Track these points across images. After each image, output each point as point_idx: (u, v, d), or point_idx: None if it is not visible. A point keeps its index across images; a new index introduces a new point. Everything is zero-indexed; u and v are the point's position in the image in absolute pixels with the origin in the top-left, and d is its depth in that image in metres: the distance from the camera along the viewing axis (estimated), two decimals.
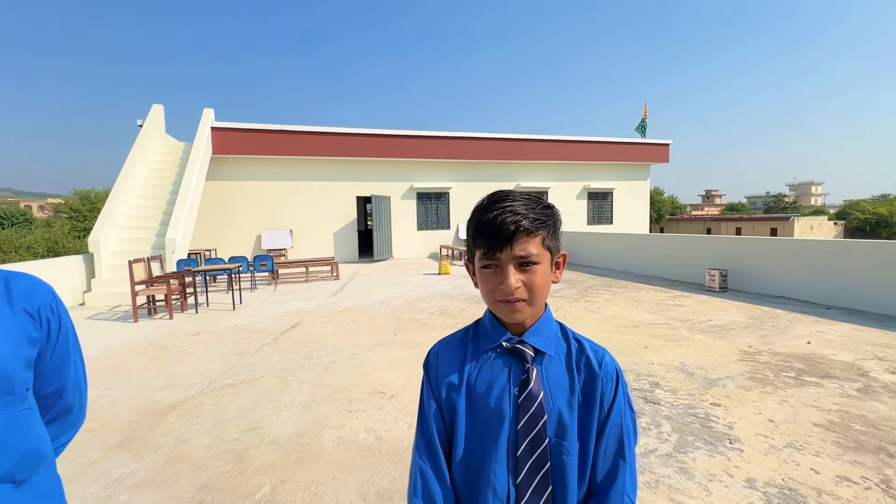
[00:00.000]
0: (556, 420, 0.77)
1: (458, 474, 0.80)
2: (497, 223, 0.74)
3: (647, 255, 9.95)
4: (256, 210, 13.74)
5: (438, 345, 0.89)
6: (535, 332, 0.81)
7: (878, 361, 3.88)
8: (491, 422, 0.78)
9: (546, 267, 0.78)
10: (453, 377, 0.82)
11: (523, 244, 0.74)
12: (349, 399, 3.41)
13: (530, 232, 0.75)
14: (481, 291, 0.81)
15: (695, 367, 3.86)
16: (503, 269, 0.75)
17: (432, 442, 0.81)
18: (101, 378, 4.03)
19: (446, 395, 0.82)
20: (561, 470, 0.76)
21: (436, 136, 15.16)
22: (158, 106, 12.38)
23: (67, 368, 0.93)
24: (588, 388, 0.80)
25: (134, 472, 2.49)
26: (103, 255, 8.35)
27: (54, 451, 0.91)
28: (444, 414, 0.82)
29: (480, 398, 0.80)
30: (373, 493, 2.23)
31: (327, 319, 6.10)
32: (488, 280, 0.77)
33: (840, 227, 38.13)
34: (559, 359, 0.82)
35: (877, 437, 2.62)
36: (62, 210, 30.27)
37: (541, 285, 0.76)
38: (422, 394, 0.86)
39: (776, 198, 65.56)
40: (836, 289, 6.16)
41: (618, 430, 0.79)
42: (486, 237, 0.75)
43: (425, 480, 0.79)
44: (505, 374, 0.80)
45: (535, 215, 0.76)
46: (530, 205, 0.77)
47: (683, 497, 2.13)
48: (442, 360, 0.85)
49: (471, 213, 0.82)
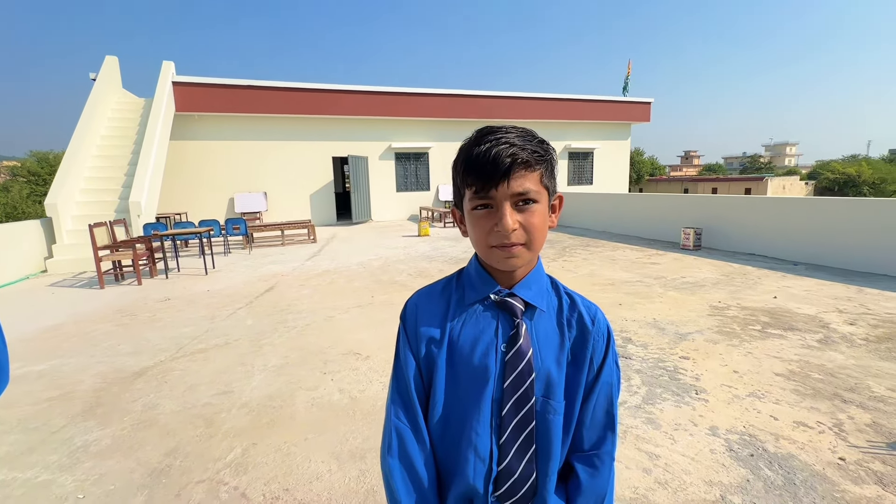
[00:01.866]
0: (544, 378, 0.72)
1: (436, 434, 0.75)
2: (491, 156, 0.65)
3: (625, 214, 10.03)
4: (228, 172, 13.16)
5: (417, 294, 0.81)
6: (526, 284, 0.74)
7: (838, 314, 4.04)
8: (475, 379, 0.72)
9: (544, 207, 0.70)
10: (434, 331, 0.75)
11: (521, 179, 0.66)
12: (324, 361, 3.37)
13: (529, 165, 0.67)
14: (472, 237, 0.72)
15: (666, 323, 3.95)
16: (498, 208, 0.67)
17: (409, 398, 0.75)
18: (64, 346, 3.89)
19: (425, 350, 0.75)
20: (546, 429, 0.72)
21: (414, 94, 14.57)
22: (112, 58, 11.43)
23: None
24: (578, 346, 0.75)
25: (99, 439, 2.42)
26: (63, 220, 7.91)
27: None
28: (422, 369, 0.76)
29: (464, 354, 0.73)
30: (346, 452, 2.23)
31: (303, 283, 6.00)
32: (481, 222, 0.69)
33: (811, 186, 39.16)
34: (550, 314, 0.76)
35: (833, 384, 2.74)
36: (19, 173, 28.52)
37: (539, 227, 0.69)
38: (398, 347, 0.79)
39: (752, 158, 66.55)
40: (803, 245, 6.34)
41: (608, 390, 0.76)
42: (478, 172, 0.66)
43: (402, 439, 0.73)
44: (492, 329, 0.73)
45: (533, 147, 0.68)
46: (526, 136, 0.69)
47: (650, 446, 2.19)
48: (422, 312, 0.78)
49: (458, 152, 0.72)
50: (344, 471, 2.09)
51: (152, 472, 2.11)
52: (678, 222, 8.24)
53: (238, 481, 2.04)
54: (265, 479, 2.04)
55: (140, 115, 11.06)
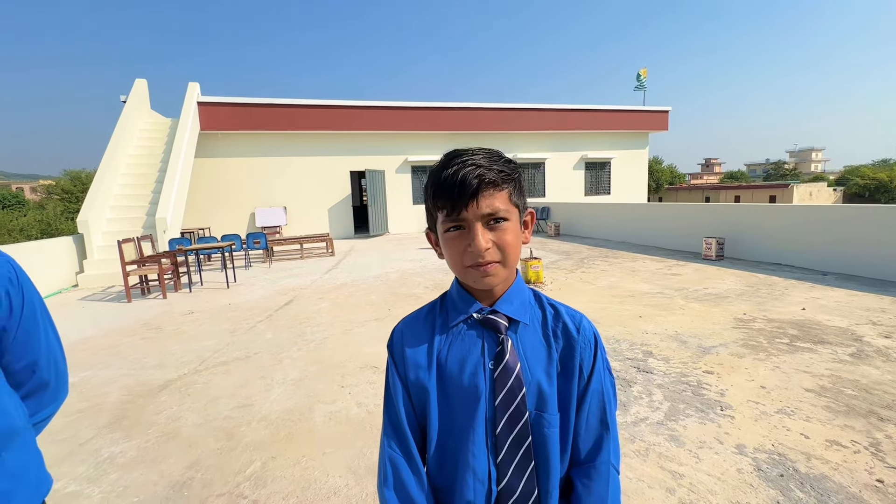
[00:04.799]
0: (535, 392, 0.72)
1: (434, 460, 0.75)
2: (459, 178, 0.67)
3: (644, 224, 9.87)
4: (249, 187, 13.53)
5: (403, 322, 0.82)
6: (507, 300, 0.75)
7: (871, 326, 3.87)
8: (466, 400, 0.72)
9: (515, 224, 0.72)
10: (421, 356, 0.76)
11: (489, 199, 0.68)
12: (341, 374, 3.39)
13: (496, 184, 0.68)
14: (447, 259, 0.74)
15: (688, 336, 3.85)
16: (470, 228, 0.68)
17: (402, 427, 0.75)
18: (93, 359, 4.02)
19: (414, 376, 0.75)
20: (543, 443, 0.72)
21: (430, 108, 14.78)
22: (142, 80, 11.98)
23: (38, 342, 0.89)
24: (566, 356, 0.75)
25: (124, 451, 2.48)
26: (93, 236, 8.24)
27: (32, 428, 0.88)
28: (412, 396, 0.76)
29: (453, 376, 0.74)
30: (363, 467, 2.23)
31: (322, 296, 6.07)
32: (454, 244, 0.70)
33: (839, 193, 37.90)
34: (534, 327, 0.76)
35: (868, 401, 2.62)
36: (54, 192, 29.90)
37: (512, 244, 0.70)
38: (387, 376, 0.80)
39: (776, 165, 64.92)
40: (832, 255, 6.11)
41: (599, 398, 0.75)
42: (447, 195, 0.68)
43: (396, 469, 0.73)
44: (478, 348, 0.74)
45: (500, 167, 0.70)
46: (493, 157, 0.71)
47: (673, 464, 2.13)
48: (408, 339, 0.78)
49: (427, 176, 0.74)
50: (361, 486, 2.09)
51: (174, 485, 2.15)
52: (699, 232, 8.06)
53: (257, 495, 2.06)
54: (283, 494, 2.05)
55: (167, 134, 11.51)
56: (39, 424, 0.91)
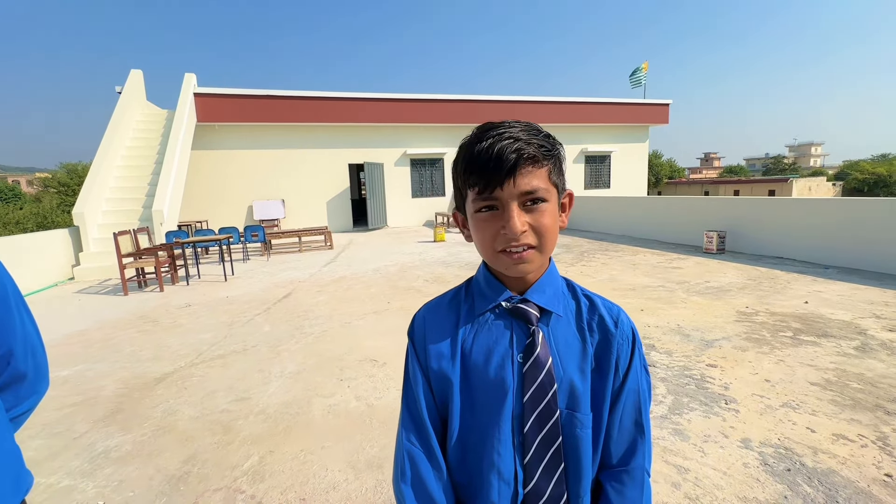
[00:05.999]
0: (567, 389, 0.67)
1: (454, 456, 0.70)
2: (495, 152, 0.60)
3: (644, 218, 9.82)
4: (247, 180, 13.41)
5: (425, 308, 0.76)
6: (540, 288, 0.69)
7: (875, 319, 3.84)
8: (491, 395, 0.67)
9: (554, 206, 0.65)
10: (444, 345, 0.70)
11: (528, 176, 0.61)
12: (340, 367, 3.35)
13: (536, 161, 0.62)
14: (477, 243, 0.67)
15: (691, 329, 3.81)
16: (505, 209, 0.62)
17: (421, 419, 0.70)
18: (89, 352, 3.97)
19: (437, 366, 0.70)
20: (574, 445, 0.66)
21: (428, 100, 14.65)
22: (137, 71, 11.82)
23: (13, 331, 0.83)
24: (602, 352, 0.69)
25: (119, 445, 2.44)
26: (89, 228, 8.15)
27: (10, 422, 0.83)
28: (433, 387, 0.71)
29: (478, 368, 0.68)
30: (362, 461, 2.19)
31: (320, 289, 6.02)
32: (486, 226, 0.64)
33: (838, 187, 37.86)
34: (568, 319, 0.70)
35: (874, 394, 2.59)
36: (50, 185, 29.66)
37: (550, 228, 0.64)
38: (407, 364, 0.74)
39: (775, 159, 64.77)
40: (834, 248, 6.08)
41: (635, 398, 0.70)
42: (481, 171, 0.61)
43: (414, 464, 0.68)
44: (506, 339, 0.68)
45: (540, 141, 0.63)
46: (532, 130, 0.64)
47: (678, 458, 2.09)
48: (430, 326, 0.73)
49: (458, 150, 0.67)
50: (361, 480, 2.05)
51: (170, 479, 2.11)
52: (700, 225, 8.02)
53: (255, 489, 2.02)
54: (282, 488, 2.02)
55: (163, 126, 11.37)
56: (18, 419, 0.86)
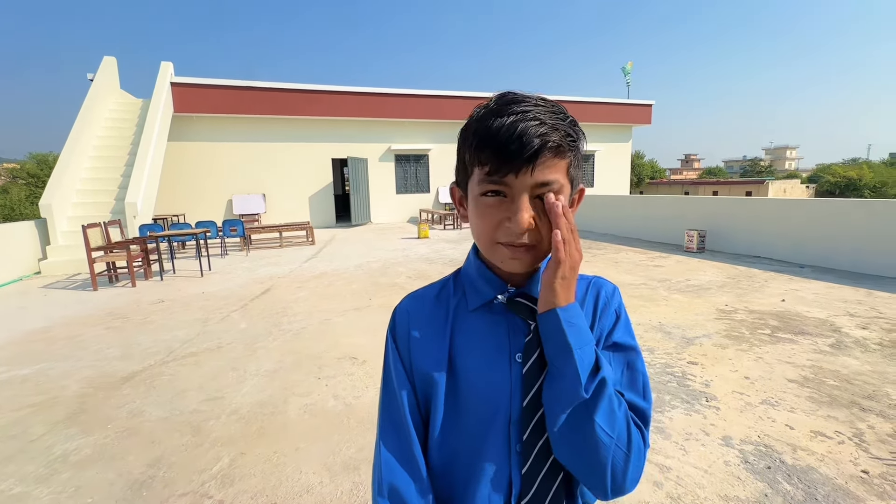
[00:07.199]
0: None
1: (439, 466, 0.62)
2: (517, 132, 0.51)
3: (627, 217, 9.92)
4: (226, 173, 13.06)
5: (408, 299, 0.68)
6: (538, 280, 0.61)
7: (849, 318, 3.92)
8: (486, 399, 0.60)
9: (565, 202, 0.57)
10: (430, 343, 0.63)
11: (548, 168, 0.53)
12: (319, 366, 3.25)
13: (560, 151, 0.54)
14: (475, 228, 0.59)
15: (672, 327, 3.83)
16: (514, 199, 0.54)
17: (401, 425, 0.62)
18: (52, 349, 3.77)
19: (421, 366, 0.62)
20: None
21: (414, 95, 14.49)
22: (111, 58, 11.36)
23: None
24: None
25: (79, 447, 2.30)
26: (57, 221, 7.81)
27: None
28: (416, 389, 0.63)
29: (469, 369, 0.61)
30: (338, 463, 2.11)
31: (300, 285, 5.88)
32: (489, 212, 0.56)
33: (811, 190, 39.04)
34: None
35: (849, 391, 2.62)
36: (19, 175, 28.45)
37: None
38: (387, 363, 0.66)
39: (752, 162, 66.45)
40: (809, 248, 6.22)
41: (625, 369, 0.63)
42: (496, 150, 0.53)
43: (392, 474, 0.60)
44: (502, 338, 0.61)
45: (567, 129, 0.54)
46: (558, 114, 0.55)
47: (660, 457, 2.07)
48: (414, 319, 0.65)
49: (469, 119, 0.58)
50: (336, 483, 1.97)
51: (133, 485, 2.00)
52: (681, 225, 8.12)
53: (223, 494, 1.92)
54: (252, 493, 1.92)
55: (138, 115, 10.97)
56: None
